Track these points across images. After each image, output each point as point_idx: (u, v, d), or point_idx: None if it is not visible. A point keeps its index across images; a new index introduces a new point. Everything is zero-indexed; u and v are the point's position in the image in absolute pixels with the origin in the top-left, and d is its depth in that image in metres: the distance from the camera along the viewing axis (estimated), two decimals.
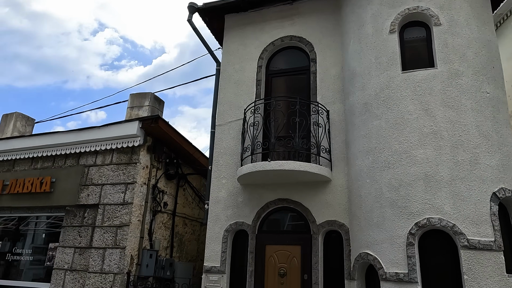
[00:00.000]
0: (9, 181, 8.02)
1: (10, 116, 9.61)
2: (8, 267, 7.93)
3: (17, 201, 7.86)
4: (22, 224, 8.14)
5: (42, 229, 7.93)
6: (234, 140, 6.83)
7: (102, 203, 7.01)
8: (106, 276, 6.45)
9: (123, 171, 7.07)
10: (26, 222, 8.10)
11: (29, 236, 8.05)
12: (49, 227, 7.85)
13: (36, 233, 7.98)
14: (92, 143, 7.46)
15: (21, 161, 8.28)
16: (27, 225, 8.08)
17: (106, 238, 6.71)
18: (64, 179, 7.52)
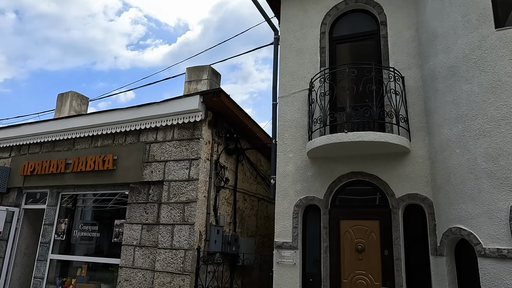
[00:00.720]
0: (71, 160, 8.11)
1: (65, 96, 9.67)
2: (75, 243, 8.14)
3: (81, 179, 7.95)
4: (86, 201, 8.28)
5: (106, 206, 8.03)
6: (299, 112, 6.53)
7: (166, 179, 6.95)
8: (177, 252, 6.45)
9: (185, 147, 6.95)
10: (90, 199, 8.23)
11: (93, 213, 8.18)
12: (113, 204, 7.93)
13: (100, 210, 8.09)
14: (152, 119, 7.35)
15: (81, 139, 8.33)
16: (92, 202, 8.20)
17: (174, 215, 6.68)
18: (125, 156, 7.51)
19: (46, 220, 8.38)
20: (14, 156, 9.30)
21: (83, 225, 8.07)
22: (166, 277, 6.41)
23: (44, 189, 8.75)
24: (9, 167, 9.16)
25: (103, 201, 8.08)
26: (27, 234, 9.02)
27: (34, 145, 9.05)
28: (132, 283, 6.76)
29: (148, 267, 6.71)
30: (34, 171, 8.59)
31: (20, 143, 9.14)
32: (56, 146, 8.68)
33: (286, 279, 5.94)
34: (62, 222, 8.31)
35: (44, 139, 8.73)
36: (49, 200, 8.50)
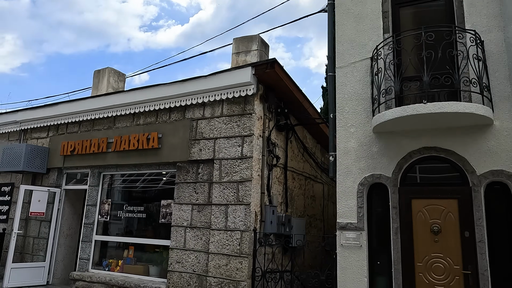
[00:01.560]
0: (113, 139, 7.82)
1: (102, 72, 9.32)
2: (120, 224, 7.94)
3: (124, 158, 7.67)
4: (130, 181, 8.02)
5: (151, 186, 7.75)
6: (361, 84, 6.00)
7: (217, 158, 6.58)
8: (232, 234, 6.13)
9: (237, 123, 6.54)
10: (133, 179, 7.96)
11: (137, 194, 7.92)
12: (158, 184, 7.65)
13: (145, 190, 7.82)
14: (198, 94, 6.94)
15: (122, 117, 8.01)
16: (135, 182, 7.94)
17: (227, 195, 6.33)
18: (171, 134, 7.15)
19: (89, 201, 8.18)
20: (52, 136, 9.07)
21: (127, 205, 7.83)
22: (221, 260, 6.12)
23: (84, 169, 8.52)
24: (48, 147, 8.95)
25: (148, 181, 7.80)
26: (68, 215, 8.87)
27: (72, 124, 8.78)
28: (184, 265, 6.51)
29: (201, 249, 6.43)
30: (74, 151, 8.35)
31: (58, 122, 8.89)
32: (96, 124, 8.38)
33: (351, 262, 5.57)
34: (105, 203, 8.10)
35: (83, 117, 8.44)
36: (90, 180, 8.28)
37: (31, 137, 9.54)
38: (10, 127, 9.86)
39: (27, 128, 9.55)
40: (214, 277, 6.13)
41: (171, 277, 6.61)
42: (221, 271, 6.09)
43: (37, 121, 9.28)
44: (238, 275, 5.94)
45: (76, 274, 7.71)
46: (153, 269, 7.26)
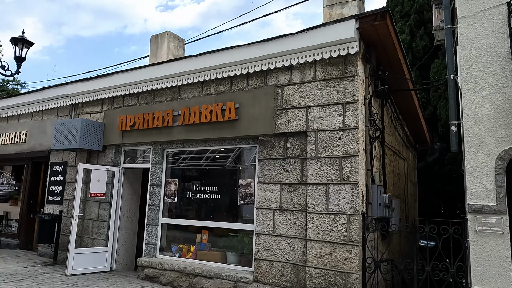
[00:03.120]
0: (180, 111, 6.95)
1: (161, 37, 8.39)
2: (189, 206, 7.16)
3: (193, 132, 6.80)
4: (199, 158, 7.19)
5: (226, 163, 6.90)
6: (495, 36, 4.88)
7: (311, 129, 5.62)
8: (337, 218, 5.22)
9: (335, 88, 5.53)
10: (203, 156, 7.12)
11: (209, 172, 7.09)
12: (233, 159, 6.78)
13: (218, 168, 6.98)
14: (284, 56, 5.93)
15: (188, 87, 7.11)
16: (206, 159, 7.09)
17: (327, 172, 5.40)
18: (250, 104, 6.21)
19: (153, 181, 7.41)
20: (107, 110, 8.28)
21: (197, 185, 7.01)
22: (324, 248, 5.25)
23: (145, 146, 7.73)
24: (103, 122, 8.18)
25: (221, 158, 6.95)
26: (128, 196, 8.16)
27: (129, 96, 7.95)
28: (275, 253, 5.68)
29: (296, 235, 5.57)
30: (134, 126, 7.54)
31: (114, 94, 8.07)
32: (157, 96, 7.52)
33: (490, 252, 4.59)
34: (171, 182, 7.31)
35: (142, 88, 7.58)
36: (153, 158, 7.48)
37: (82, 112, 8.79)
38: (59, 101, 9.14)
39: (78, 102, 8.80)
40: (315, 267, 5.27)
41: (259, 266, 5.81)
42: (324, 261, 5.22)
43: (90, 94, 8.49)
44: (346, 266, 5.06)
45: (144, 261, 7.02)
46: (231, 256, 6.48)
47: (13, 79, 8.47)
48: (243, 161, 6.69)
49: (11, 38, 7.29)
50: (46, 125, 9.46)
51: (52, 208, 8.95)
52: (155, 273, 6.82)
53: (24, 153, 9.86)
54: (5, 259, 8.40)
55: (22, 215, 9.85)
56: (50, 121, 9.42)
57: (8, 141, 10.30)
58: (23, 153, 9.87)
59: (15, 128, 10.22)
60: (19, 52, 7.37)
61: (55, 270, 7.46)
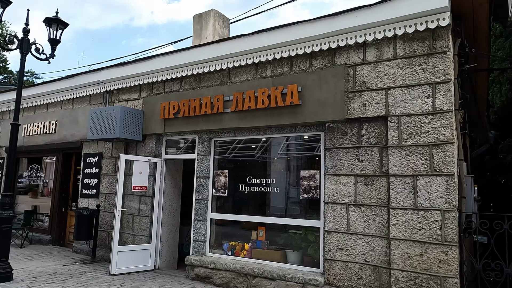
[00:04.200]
0: (232, 96, 6.32)
1: (206, 16, 7.71)
2: (242, 200, 6.57)
3: (246, 120, 6.18)
4: (252, 148, 6.58)
5: (287, 154, 6.29)
6: None
7: (393, 114, 4.96)
8: (428, 214, 4.58)
9: (421, 66, 4.84)
10: (257, 145, 6.51)
11: (265, 163, 6.49)
12: (293, 150, 6.16)
13: (276, 158, 6.37)
14: (356, 32, 5.25)
15: (240, 69, 6.47)
16: (261, 149, 6.48)
17: (414, 162, 4.74)
18: (315, 86, 5.56)
19: (199, 173, 6.82)
20: (146, 96, 7.69)
21: (251, 177, 6.41)
22: (412, 248, 4.62)
23: (190, 135, 7.13)
24: (142, 110, 7.60)
25: (277, 147, 6.33)
26: (169, 189, 7.60)
27: (171, 82, 7.34)
28: (350, 253, 5.07)
29: (376, 233, 4.94)
30: (179, 113, 6.94)
31: (153, 80, 7.47)
32: (204, 80, 6.90)
33: None
34: (220, 174, 6.72)
35: (187, 72, 6.96)
36: (199, 148, 6.89)
37: (118, 99, 8.21)
38: (92, 88, 8.57)
39: (113, 89, 8.21)
40: (402, 270, 4.65)
41: (330, 267, 5.21)
42: (413, 263, 4.59)
43: (126, 79, 7.90)
44: (442, 269, 4.43)
45: (193, 259, 6.47)
46: (292, 255, 5.89)
47: (48, 62, 7.84)
48: (305, 151, 6.07)
49: (45, 19, 6.71)
50: (78, 114, 8.92)
51: (86, 202, 8.44)
52: (207, 273, 6.27)
53: (55, 144, 9.34)
54: (41, 256, 7.93)
55: (53, 209, 9.37)
56: (81, 109, 8.87)
57: (37, 131, 9.79)
58: (53, 144, 9.35)
59: (43, 117, 9.70)
60: (53, 34, 6.79)
61: (96, 269, 6.96)
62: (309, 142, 5.97)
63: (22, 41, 6.42)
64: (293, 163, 6.20)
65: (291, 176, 6.14)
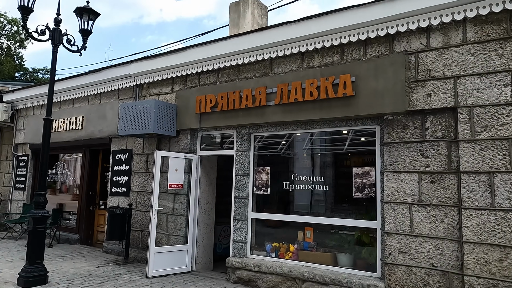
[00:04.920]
0: (276, 88, 5.92)
1: (243, 4, 7.30)
2: (286, 199, 6.19)
3: (292, 113, 5.78)
4: (298, 143, 6.19)
5: (332, 149, 5.88)
6: None
7: (464, 104, 4.51)
8: (508, 215, 4.14)
9: (496, 51, 4.38)
10: (302, 140, 6.12)
11: (311, 159, 6.10)
12: (342, 144, 5.75)
13: (322, 154, 5.98)
14: (419, 15, 4.81)
15: (283, 59, 6.07)
16: (307, 144, 6.09)
17: (490, 158, 4.30)
18: (370, 76, 5.13)
19: (239, 170, 6.45)
20: (179, 90, 7.34)
21: (296, 175, 6.02)
22: (490, 253, 4.19)
23: (227, 130, 6.76)
24: (175, 104, 7.25)
25: (325, 142, 5.93)
26: (204, 186, 7.25)
27: (207, 74, 6.97)
28: (415, 257, 4.65)
29: (445, 236, 4.51)
30: (216, 107, 6.57)
31: (187, 72, 7.11)
32: (243, 71, 6.51)
33: None
34: (261, 171, 6.34)
35: (225, 63, 6.58)
36: (238, 143, 6.52)
37: (148, 93, 7.88)
38: (121, 82, 8.25)
39: (143, 83, 7.88)
40: (477, 276, 4.23)
41: (391, 272, 4.80)
42: (491, 269, 4.16)
43: (158, 72, 7.55)
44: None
45: (235, 261, 6.12)
46: (343, 258, 5.50)
47: (80, 55, 7.53)
48: (355, 146, 5.65)
49: (76, 9, 6.38)
50: (106, 109, 8.62)
51: (116, 201, 8.15)
52: (250, 276, 5.91)
53: (81, 141, 9.06)
54: (71, 256, 7.66)
55: (80, 207, 9.11)
56: (110, 104, 8.56)
57: (62, 127, 9.53)
58: (80, 140, 9.08)
59: (69, 113, 9.43)
60: (84, 24, 6.47)
61: (131, 271, 6.66)
62: (362, 136, 5.55)
63: (54, 32, 6.10)
64: (343, 159, 5.80)
65: (340, 173, 5.74)
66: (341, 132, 5.70)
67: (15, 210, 10.60)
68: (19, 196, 10.66)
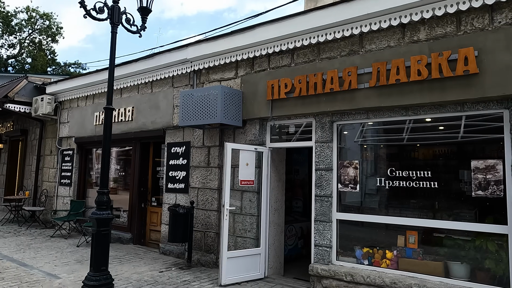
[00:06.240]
0: (371, 67, 5.05)
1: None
2: (386, 198, 5.33)
3: (391, 97, 4.90)
4: (391, 131, 5.32)
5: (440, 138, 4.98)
6: None
7: None
8: None
9: None
10: (400, 128, 5.23)
11: (411, 150, 5.22)
12: (455, 133, 4.84)
13: (429, 145, 5.08)
14: None
15: (376, 34, 5.17)
16: (406, 133, 5.20)
17: None
18: (500, 49, 4.17)
19: (319, 164, 5.64)
20: (245, 75, 6.56)
21: (394, 169, 5.14)
22: None
23: (304, 119, 5.95)
24: (241, 90, 6.48)
25: (427, 130, 5.03)
26: (274, 183, 6.47)
27: (279, 55, 6.15)
28: None
29: None
30: (293, 92, 5.75)
31: (254, 54, 6.31)
32: (324, 51, 5.66)
33: None
34: (348, 165, 5.50)
35: (302, 42, 5.74)
36: (318, 134, 5.69)
37: (208, 79, 7.13)
38: (176, 69, 7.54)
39: (202, 68, 7.14)
40: None
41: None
42: None
43: (219, 56, 6.78)
44: None
45: (320, 269, 5.33)
46: (458, 268, 4.60)
47: (140, 35, 6.87)
48: (474, 134, 4.72)
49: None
50: (158, 99, 7.95)
51: (173, 198, 7.49)
52: (341, 287, 5.12)
53: (132, 133, 8.45)
54: (128, 259, 7.07)
55: (132, 204, 8.53)
56: (163, 93, 7.88)
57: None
58: (130, 133, 8.47)
59: (118, 104, 8.81)
60: (144, 1, 5.78)
61: (198, 277, 5.98)
62: (483, 122, 4.62)
63: (113, 10, 5.40)
64: (457, 149, 4.88)
65: (452, 167, 4.83)
66: (454, 118, 4.77)
67: (61, 206, 10.17)
68: (65, 192, 10.21)
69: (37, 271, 6.06)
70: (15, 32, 32.79)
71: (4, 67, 32.93)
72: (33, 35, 33.28)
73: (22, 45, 33.49)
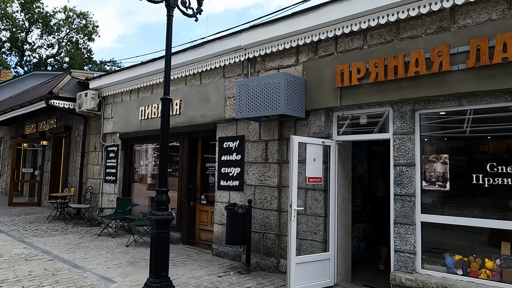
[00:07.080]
0: (468, 45, 4.30)
1: None
2: (483, 197, 4.60)
3: (495, 79, 4.16)
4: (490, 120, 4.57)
5: None
6: None
7: None
8: None
9: None
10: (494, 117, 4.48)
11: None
12: None
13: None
14: None
15: (471, 6, 4.42)
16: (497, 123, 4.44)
17: None
18: None
19: (399, 158, 4.96)
20: (307, 61, 5.95)
21: (495, 164, 4.40)
22: None
23: (378, 108, 5.28)
24: (303, 78, 5.89)
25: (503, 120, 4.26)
26: (340, 180, 5.85)
27: (348, 37, 5.50)
28: None
29: None
30: (368, 78, 5.09)
31: (318, 37, 5.69)
32: (405, 29, 4.96)
33: None
34: (435, 160, 4.80)
35: (378, 20, 5.06)
36: (396, 124, 5.01)
37: (264, 67, 6.57)
38: (227, 58, 7.02)
39: (257, 56, 6.58)
40: None
41: None
42: None
43: (277, 41, 6.20)
44: None
45: (404, 278, 4.67)
46: None
47: (195, 19, 6.48)
48: None
49: None
50: (208, 90, 7.47)
51: (226, 196, 7.01)
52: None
53: (180, 128, 8.02)
54: (181, 261, 6.65)
55: (180, 203, 8.12)
56: (213, 84, 7.40)
57: (156, 114, 8.58)
58: (178, 127, 8.03)
59: None
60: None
61: (261, 283, 5.45)
62: None
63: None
64: None
65: None
66: None
67: (107, 204, 9.94)
68: (110, 190, 9.97)
69: (90, 273, 5.73)
70: (53, 32, 33.56)
71: (44, 66, 33.78)
72: (70, 35, 33.96)
73: (60, 45, 34.25)
